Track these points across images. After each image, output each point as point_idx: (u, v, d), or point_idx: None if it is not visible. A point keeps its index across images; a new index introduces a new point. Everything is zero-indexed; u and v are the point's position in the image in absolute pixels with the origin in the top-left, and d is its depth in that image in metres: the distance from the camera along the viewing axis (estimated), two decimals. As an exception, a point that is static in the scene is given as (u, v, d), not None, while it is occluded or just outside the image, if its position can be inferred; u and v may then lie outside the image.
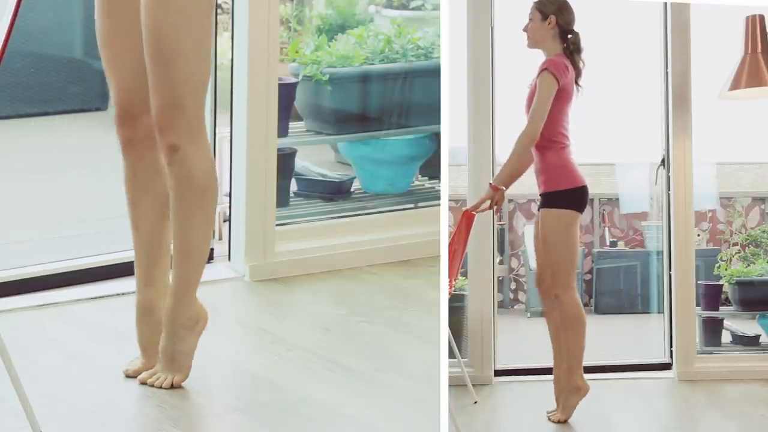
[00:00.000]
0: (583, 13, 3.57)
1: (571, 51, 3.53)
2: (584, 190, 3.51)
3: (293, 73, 4.63)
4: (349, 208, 4.62)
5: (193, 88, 2.94)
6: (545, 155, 3.49)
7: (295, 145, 4.58)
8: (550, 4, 3.53)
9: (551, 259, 3.52)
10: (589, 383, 3.56)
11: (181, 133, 2.92)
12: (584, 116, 3.52)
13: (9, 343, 2.58)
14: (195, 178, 2.96)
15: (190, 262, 3.03)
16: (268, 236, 4.12)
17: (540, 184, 3.53)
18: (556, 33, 3.53)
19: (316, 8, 5.06)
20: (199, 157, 2.96)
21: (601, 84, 3.54)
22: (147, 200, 3.08)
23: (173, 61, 2.89)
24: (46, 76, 4.91)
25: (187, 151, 2.93)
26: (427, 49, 4.73)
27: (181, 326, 3.04)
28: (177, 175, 2.96)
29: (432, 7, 4.97)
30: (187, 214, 2.99)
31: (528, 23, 3.56)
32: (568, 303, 3.50)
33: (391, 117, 4.74)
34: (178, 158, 2.94)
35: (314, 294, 3.99)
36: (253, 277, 4.07)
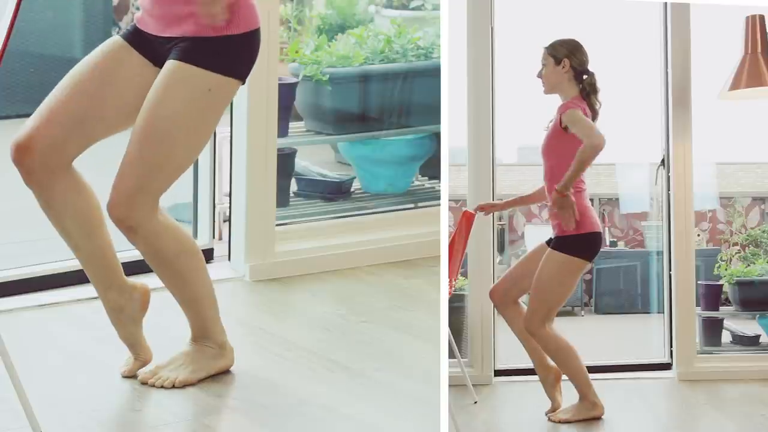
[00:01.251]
0: (583, 14, 3.57)
1: (587, 93, 3.50)
2: (597, 237, 3.48)
3: (293, 73, 4.63)
4: (349, 208, 4.62)
5: (166, 174, 2.91)
6: None
7: (295, 145, 4.58)
8: (562, 48, 3.50)
9: (540, 296, 3.49)
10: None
11: (137, 213, 2.88)
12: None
13: (9, 343, 2.58)
14: (164, 251, 2.97)
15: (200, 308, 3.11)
16: (268, 236, 4.12)
17: (554, 226, 3.51)
18: (571, 76, 3.50)
19: (316, 8, 5.06)
20: (160, 230, 2.93)
21: (601, 84, 3.54)
22: (72, 221, 2.96)
23: (160, 144, 2.86)
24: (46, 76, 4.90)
25: (147, 229, 2.91)
26: (427, 49, 4.73)
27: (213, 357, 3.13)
28: (144, 249, 2.97)
29: (432, 7, 4.97)
30: (172, 277, 3.03)
31: (542, 69, 3.54)
32: (545, 340, 3.49)
33: (391, 117, 4.74)
34: (141, 237, 2.92)
35: (314, 294, 3.99)
36: (253, 277, 4.07)
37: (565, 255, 3.45)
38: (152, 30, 2.93)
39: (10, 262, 3.88)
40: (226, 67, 2.88)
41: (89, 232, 2.98)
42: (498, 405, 3.95)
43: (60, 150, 2.87)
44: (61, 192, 2.92)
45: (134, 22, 3.02)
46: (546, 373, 3.59)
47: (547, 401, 3.60)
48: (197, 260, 3.06)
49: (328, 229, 4.40)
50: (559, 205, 3.39)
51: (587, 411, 3.52)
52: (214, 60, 2.86)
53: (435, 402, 3.03)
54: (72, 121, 2.87)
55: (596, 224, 3.48)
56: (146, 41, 2.94)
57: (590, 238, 3.46)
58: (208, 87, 2.87)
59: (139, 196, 2.87)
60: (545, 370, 3.59)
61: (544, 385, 3.60)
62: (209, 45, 2.86)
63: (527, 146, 6.06)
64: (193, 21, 2.85)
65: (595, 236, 3.48)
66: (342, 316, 3.74)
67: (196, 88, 2.86)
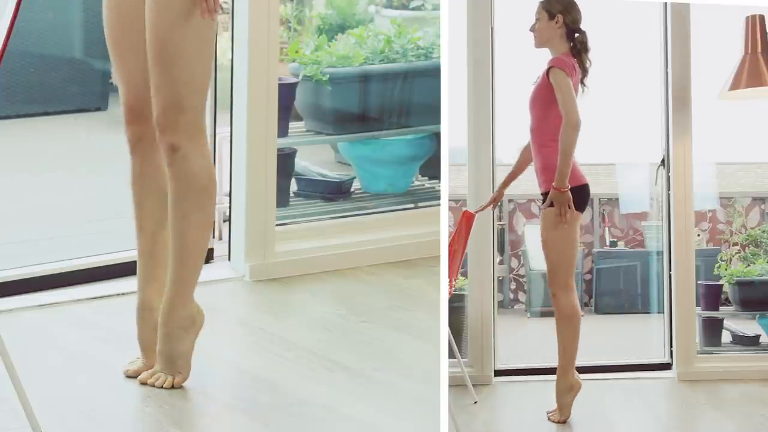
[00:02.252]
0: (584, 13, 3.57)
1: (578, 50, 3.52)
2: (585, 189, 3.51)
3: (293, 73, 4.63)
4: (349, 208, 4.62)
5: (194, 90, 2.95)
6: (546, 154, 3.48)
7: (295, 145, 4.58)
8: (557, 4, 3.52)
9: (550, 257, 3.52)
10: (590, 383, 3.56)
11: (181, 134, 2.93)
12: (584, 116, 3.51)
13: (9, 343, 2.58)
14: (194, 178, 2.97)
15: (187, 263, 3.03)
16: (268, 236, 4.12)
17: (541, 183, 3.52)
18: (563, 32, 3.52)
19: (316, 8, 5.06)
20: (199, 157, 2.97)
21: (601, 84, 3.54)
22: (152, 200, 3.09)
23: (175, 62, 2.90)
24: (46, 76, 4.91)
25: (187, 151, 2.94)
26: (427, 49, 4.73)
27: (177, 327, 3.04)
28: (176, 174, 2.97)
29: (432, 7, 4.97)
30: (185, 214, 2.99)
31: (535, 23, 3.55)
32: (564, 303, 3.50)
33: (391, 117, 4.74)
34: (178, 158, 2.95)
35: (314, 294, 3.99)
36: (253, 277, 4.07)
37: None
38: None
39: (10, 262, 3.88)
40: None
41: (159, 219, 3.07)
42: (498, 405, 3.95)
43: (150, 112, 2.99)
44: (155, 167, 3.06)
45: None
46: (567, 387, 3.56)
47: (546, 401, 3.60)
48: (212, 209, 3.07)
49: (328, 229, 4.40)
50: (556, 200, 3.41)
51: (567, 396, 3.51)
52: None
53: (435, 402, 3.03)
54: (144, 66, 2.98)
55: (581, 177, 3.49)
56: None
57: (578, 191, 3.46)
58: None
59: (177, 113, 2.92)
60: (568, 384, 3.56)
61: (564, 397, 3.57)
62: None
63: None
64: None
65: (583, 188, 3.49)
66: (342, 316, 3.74)
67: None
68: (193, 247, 3.03)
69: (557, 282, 3.51)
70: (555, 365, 3.59)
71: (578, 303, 3.54)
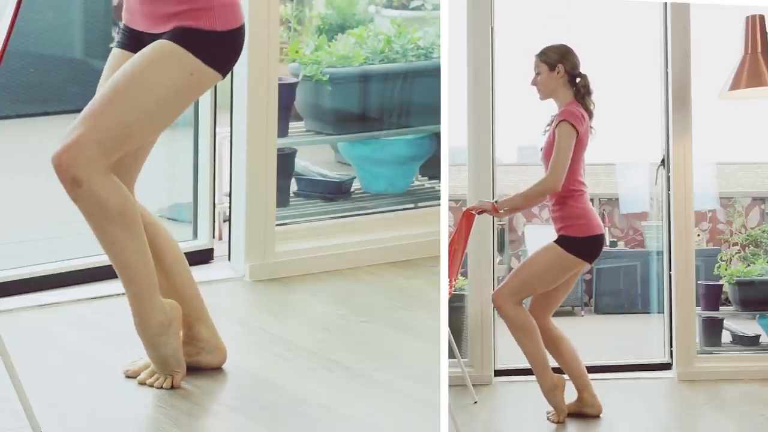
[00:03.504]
0: (583, 13, 3.57)
1: (582, 95, 3.53)
2: (600, 239, 3.51)
3: (293, 73, 4.63)
4: (349, 208, 4.62)
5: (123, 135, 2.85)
6: (564, 204, 3.49)
7: (295, 145, 4.58)
8: (554, 53, 3.53)
9: (521, 274, 3.52)
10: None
11: (84, 167, 2.81)
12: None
13: (9, 343, 2.58)
14: (106, 207, 2.86)
15: (134, 281, 2.97)
16: (268, 236, 4.12)
17: (557, 230, 3.53)
18: (565, 80, 3.53)
19: (316, 8, 5.06)
20: (107, 184, 2.85)
21: (601, 84, 3.54)
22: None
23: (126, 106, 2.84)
24: (46, 76, 4.91)
25: (93, 182, 2.83)
26: (427, 49, 4.73)
27: (154, 335, 3.04)
28: (87, 207, 2.86)
29: (432, 7, 4.97)
30: (111, 241, 2.92)
31: (536, 77, 3.56)
32: (512, 314, 3.50)
33: (391, 117, 4.74)
34: (85, 191, 2.82)
35: (314, 294, 3.99)
36: (253, 277, 4.07)
37: (565, 252, 3.47)
38: (142, 27, 2.95)
39: (10, 262, 3.88)
40: (209, 56, 2.90)
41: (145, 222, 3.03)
42: (498, 405, 3.95)
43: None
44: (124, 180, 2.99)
45: (123, 23, 3.03)
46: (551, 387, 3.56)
47: (546, 402, 3.60)
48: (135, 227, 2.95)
49: (328, 229, 4.40)
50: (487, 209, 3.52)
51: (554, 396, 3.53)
52: (199, 46, 2.88)
53: (435, 402, 3.03)
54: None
55: (599, 226, 3.50)
56: (138, 40, 2.96)
57: (593, 241, 3.49)
58: (190, 71, 2.88)
59: (89, 147, 2.81)
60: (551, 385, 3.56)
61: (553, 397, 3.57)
62: (198, 34, 2.88)
63: (527, 146, 6.06)
64: (183, 17, 2.87)
65: (598, 239, 3.50)
66: (342, 316, 3.74)
67: (178, 66, 2.87)
68: (134, 266, 2.96)
69: (513, 295, 3.50)
70: (555, 365, 3.59)
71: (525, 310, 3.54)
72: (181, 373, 3.07)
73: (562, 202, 3.50)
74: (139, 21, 2.96)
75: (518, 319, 3.50)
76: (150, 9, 2.91)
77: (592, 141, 3.57)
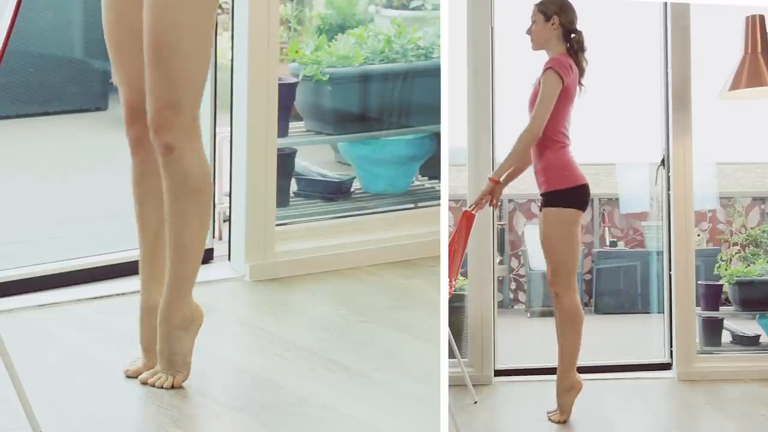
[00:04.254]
0: (584, 13, 3.57)
1: (575, 50, 3.53)
2: (585, 189, 3.51)
3: (293, 73, 4.63)
4: (349, 208, 4.62)
5: (190, 89, 2.94)
6: (545, 155, 3.49)
7: (295, 145, 4.58)
8: (552, 5, 3.53)
9: (552, 257, 3.52)
10: (590, 383, 3.56)
11: (176, 133, 2.92)
12: (584, 116, 3.51)
13: (9, 343, 2.58)
14: (190, 178, 2.96)
15: (185, 263, 3.03)
16: (268, 236, 4.12)
17: (540, 183, 3.53)
18: (559, 33, 3.53)
19: (316, 8, 5.06)
20: (194, 157, 2.96)
21: (601, 84, 3.54)
22: (154, 200, 3.08)
23: (171, 60, 2.89)
24: (46, 76, 4.91)
25: (183, 151, 2.93)
26: (427, 49, 4.73)
27: (175, 327, 3.04)
28: (172, 175, 2.96)
29: (432, 7, 4.97)
30: (182, 213, 2.98)
31: (531, 25, 3.56)
32: (566, 302, 3.50)
33: (391, 117, 4.74)
34: (173, 158, 2.94)
35: (314, 294, 3.99)
36: (253, 277, 4.07)
37: (558, 209, 3.47)
38: None
39: (10, 262, 3.88)
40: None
41: (163, 218, 3.03)
42: (498, 405, 3.95)
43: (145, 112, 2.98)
44: (155, 168, 3.02)
45: None
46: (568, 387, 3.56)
47: (547, 401, 3.60)
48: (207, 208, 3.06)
49: (328, 229, 4.40)
50: (489, 189, 3.46)
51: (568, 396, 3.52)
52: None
53: (435, 402, 3.03)
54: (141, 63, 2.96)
55: (581, 177, 3.50)
56: None
57: (577, 191, 3.48)
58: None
59: (172, 113, 2.90)
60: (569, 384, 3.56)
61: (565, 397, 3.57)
62: None
63: (527, 146, 6.04)
64: None
65: (583, 188, 3.50)
66: (342, 316, 3.74)
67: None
68: (190, 247, 3.02)
69: (559, 281, 3.51)
70: (555, 365, 3.59)
71: (580, 303, 3.54)
72: (184, 374, 3.07)
73: (543, 153, 3.49)
74: None
75: (572, 308, 3.50)
76: None
77: (592, 140, 3.56)
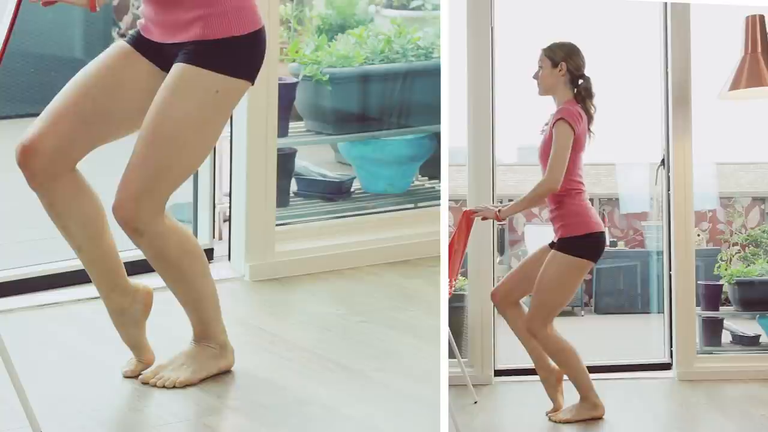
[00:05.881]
0: (583, 14, 3.57)
1: (582, 97, 3.51)
2: (601, 237, 3.50)
3: (293, 73, 4.63)
4: (349, 208, 4.62)
5: (171, 179, 2.90)
6: (562, 203, 3.48)
7: (295, 145, 4.58)
8: (560, 51, 3.52)
9: (542, 297, 3.50)
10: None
11: (144, 219, 2.87)
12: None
13: (9, 343, 2.58)
14: (169, 254, 2.96)
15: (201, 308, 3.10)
16: (268, 236, 4.12)
17: (556, 230, 3.52)
18: (567, 79, 3.51)
19: (316, 8, 5.06)
20: (165, 232, 2.92)
21: (601, 84, 3.54)
22: (76, 223, 2.97)
23: (167, 147, 2.85)
24: (46, 76, 4.91)
25: (153, 233, 2.90)
26: (427, 49, 4.73)
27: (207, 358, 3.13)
28: (149, 252, 2.96)
29: (432, 7, 4.97)
30: (179, 279, 3.02)
31: (538, 71, 3.55)
32: (546, 341, 3.50)
33: (391, 117, 4.74)
34: (146, 239, 2.91)
35: (314, 294, 3.99)
36: (253, 277, 4.07)
37: (568, 256, 3.46)
38: (158, 38, 2.92)
39: (10, 262, 3.88)
40: (233, 67, 2.88)
41: (92, 235, 2.98)
42: (498, 405, 3.95)
43: (65, 153, 2.89)
44: (65, 195, 2.92)
45: (138, 29, 3.01)
46: (547, 374, 3.59)
47: (547, 401, 3.60)
48: (200, 262, 3.05)
49: (328, 229, 4.40)
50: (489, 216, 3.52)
51: (588, 411, 3.53)
52: (221, 61, 2.86)
53: (435, 402, 3.03)
54: (77, 124, 2.89)
55: (598, 224, 3.50)
56: (152, 47, 2.94)
57: (593, 239, 3.48)
58: (216, 88, 2.86)
59: (145, 199, 2.86)
60: (546, 371, 3.59)
61: (546, 386, 3.60)
62: (216, 47, 2.85)
63: (527, 146, 6.05)
64: (200, 25, 2.84)
65: (598, 236, 3.49)
66: (342, 316, 3.74)
67: (203, 89, 2.85)
68: (197, 299, 3.08)
69: (539, 320, 3.49)
70: (554, 365, 3.59)
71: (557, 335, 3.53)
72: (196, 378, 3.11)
73: (560, 201, 3.49)
74: (155, 32, 2.93)
75: (555, 343, 3.50)
76: (165, 18, 2.88)
77: (592, 142, 3.57)
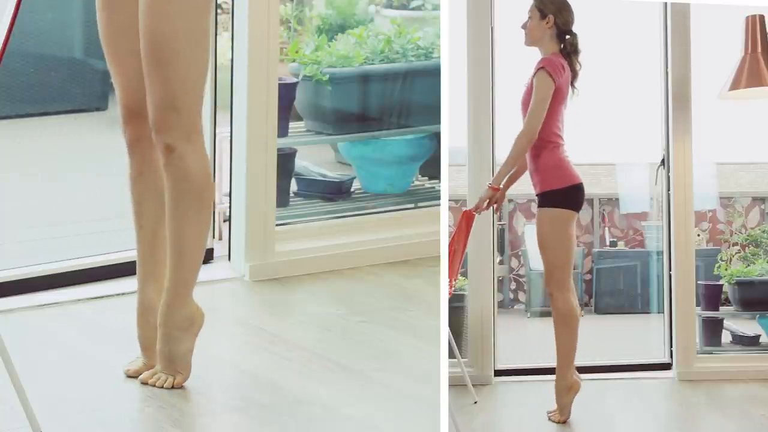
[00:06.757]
0: (583, 13, 3.57)
1: (568, 52, 3.53)
2: (579, 188, 3.51)
3: (293, 73, 4.63)
4: (349, 208, 4.62)
5: (189, 90, 2.94)
6: (539, 156, 3.49)
7: (295, 145, 4.58)
8: (550, 4, 3.53)
9: (546, 257, 3.52)
10: (590, 383, 3.56)
11: (177, 134, 2.92)
12: (584, 116, 3.51)
13: (9, 343, 2.58)
14: (191, 179, 2.96)
15: (185, 264, 3.03)
16: (268, 236, 4.12)
17: (535, 184, 3.53)
18: (553, 33, 3.53)
19: (316, 8, 5.06)
20: (196, 158, 2.96)
21: (601, 84, 3.54)
22: (151, 199, 3.08)
23: (169, 62, 2.89)
24: (46, 76, 4.91)
25: (184, 151, 2.94)
26: (427, 49, 4.73)
27: (176, 327, 3.04)
28: (173, 175, 2.96)
29: (432, 7, 4.97)
30: (182, 214, 2.99)
31: (527, 21, 3.56)
32: (560, 302, 3.50)
33: (391, 117, 4.74)
34: (175, 159, 2.94)
35: (314, 294, 3.99)
36: (253, 277, 4.07)
37: (552, 210, 3.48)
38: None
39: (10, 262, 3.88)
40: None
41: (160, 217, 3.04)
42: (498, 405, 3.95)
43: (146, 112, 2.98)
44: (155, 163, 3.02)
45: None
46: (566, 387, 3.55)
47: (547, 401, 3.60)
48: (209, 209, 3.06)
49: (328, 229, 4.40)
50: (488, 196, 3.48)
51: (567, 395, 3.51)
52: None
53: (435, 402, 3.03)
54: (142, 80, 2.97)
55: (575, 176, 3.50)
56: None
57: (572, 190, 3.48)
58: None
59: (172, 115, 2.91)
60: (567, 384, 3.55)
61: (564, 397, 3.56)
62: None
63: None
64: None
65: (577, 187, 3.50)
66: (342, 316, 3.74)
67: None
68: (191, 247, 3.02)
69: (554, 282, 3.51)
70: (555, 365, 3.59)
71: (577, 303, 3.54)
72: (184, 375, 3.07)
73: (537, 154, 3.49)
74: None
75: (565, 309, 3.50)
76: None
77: (592, 140, 3.57)
